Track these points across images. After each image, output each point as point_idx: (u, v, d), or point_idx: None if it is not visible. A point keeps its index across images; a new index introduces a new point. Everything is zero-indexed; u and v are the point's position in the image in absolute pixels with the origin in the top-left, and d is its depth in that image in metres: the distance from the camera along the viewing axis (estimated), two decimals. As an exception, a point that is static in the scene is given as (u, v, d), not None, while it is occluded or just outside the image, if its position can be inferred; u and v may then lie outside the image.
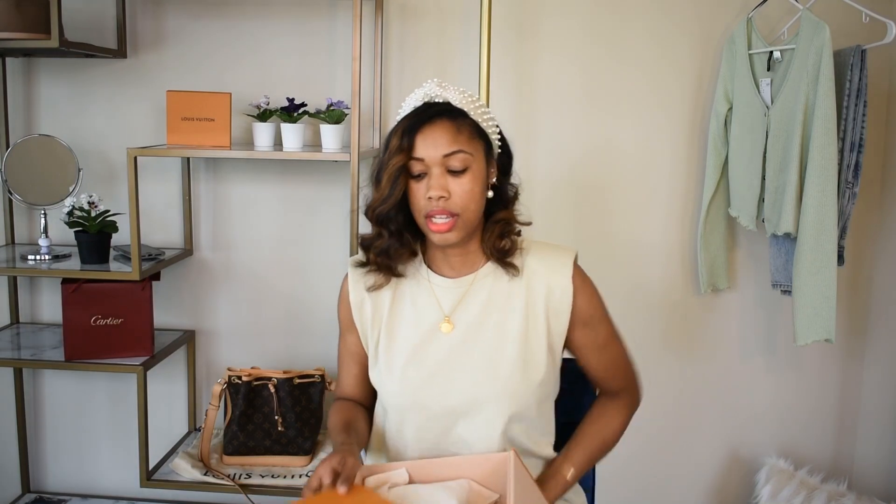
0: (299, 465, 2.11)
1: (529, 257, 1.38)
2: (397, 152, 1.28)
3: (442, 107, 1.30)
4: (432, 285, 1.39)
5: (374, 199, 1.33)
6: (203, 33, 2.21)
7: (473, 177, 1.28)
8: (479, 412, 1.34)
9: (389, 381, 1.38)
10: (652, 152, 2.20)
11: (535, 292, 1.36)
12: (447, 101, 1.32)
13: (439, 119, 1.28)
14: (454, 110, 1.30)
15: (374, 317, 1.41)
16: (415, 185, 1.29)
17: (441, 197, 1.26)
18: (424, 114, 1.29)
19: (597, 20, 2.15)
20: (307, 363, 2.28)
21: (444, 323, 1.37)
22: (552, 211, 2.22)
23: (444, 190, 1.26)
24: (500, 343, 1.35)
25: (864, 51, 1.80)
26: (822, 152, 1.76)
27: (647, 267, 2.25)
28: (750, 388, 2.29)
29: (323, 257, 2.28)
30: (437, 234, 1.29)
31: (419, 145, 1.27)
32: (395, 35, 2.19)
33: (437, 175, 1.27)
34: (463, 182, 1.27)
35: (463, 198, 1.27)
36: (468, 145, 1.28)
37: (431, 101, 1.33)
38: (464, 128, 1.29)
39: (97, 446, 2.42)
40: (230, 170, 2.27)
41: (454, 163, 1.27)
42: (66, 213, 2.04)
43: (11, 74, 2.25)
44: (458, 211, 1.28)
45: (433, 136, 1.27)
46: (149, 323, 2.07)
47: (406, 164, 1.28)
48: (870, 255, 2.21)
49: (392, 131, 1.31)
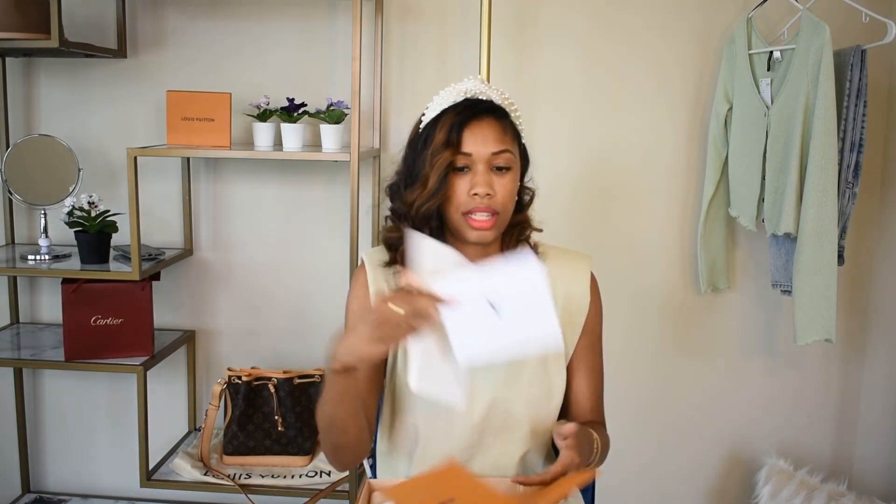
0: (299, 465, 2.11)
1: (548, 262, 1.36)
2: (444, 147, 1.25)
3: (487, 104, 1.29)
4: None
5: (418, 195, 1.27)
6: (203, 33, 2.21)
7: (514, 177, 1.29)
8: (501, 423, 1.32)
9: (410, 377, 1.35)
10: (652, 152, 2.20)
11: (553, 297, 1.35)
12: (490, 100, 1.30)
13: (487, 116, 1.27)
14: (499, 109, 1.29)
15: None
16: (457, 180, 1.27)
17: (487, 194, 1.25)
18: (472, 109, 1.27)
19: (597, 21, 2.15)
20: (307, 363, 2.28)
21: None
22: (552, 210, 2.21)
23: (490, 187, 1.25)
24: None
25: (864, 51, 1.79)
26: (822, 152, 1.76)
27: (646, 267, 2.25)
28: (750, 387, 2.29)
29: (323, 257, 2.28)
30: (477, 232, 1.27)
31: (467, 140, 1.25)
32: (395, 35, 2.19)
33: (482, 172, 1.26)
34: (506, 181, 1.27)
35: (505, 196, 1.27)
36: (512, 145, 1.28)
37: (474, 97, 1.30)
38: (508, 128, 1.29)
39: (97, 446, 2.42)
40: (230, 170, 2.27)
41: (500, 161, 1.26)
42: (66, 213, 2.04)
43: (11, 74, 2.25)
44: (500, 209, 1.27)
45: (483, 132, 1.26)
46: (149, 323, 2.07)
47: (453, 160, 1.26)
48: (870, 255, 2.20)
49: (432, 125, 1.28)
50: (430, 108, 1.32)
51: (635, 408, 2.29)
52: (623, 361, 2.28)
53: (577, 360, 1.38)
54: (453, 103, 1.29)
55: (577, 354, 1.38)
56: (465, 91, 1.30)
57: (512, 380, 1.32)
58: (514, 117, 1.32)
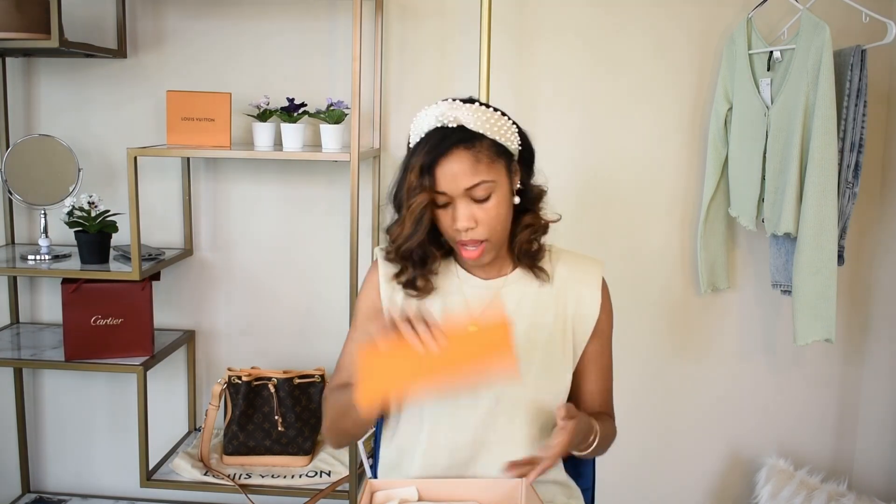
0: (299, 465, 2.11)
1: (560, 265, 1.38)
2: (419, 190, 1.23)
3: (457, 135, 1.24)
4: (462, 283, 1.37)
5: (397, 234, 1.29)
6: (203, 33, 2.21)
7: (498, 201, 1.26)
8: (507, 419, 1.32)
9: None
10: (652, 152, 2.20)
11: (564, 301, 1.36)
12: (461, 125, 1.24)
13: (456, 150, 1.23)
14: (470, 135, 1.24)
15: (404, 308, 1.36)
16: (441, 213, 1.27)
17: (468, 228, 1.25)
18: (440, 146, 1.23)
19: (597, 20, 2.15)
20: (307, 363, 2.28)
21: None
22: (551, 209, 2.22)
23: (471, 220, 1.24)
24: (528, 350, 1.33)
25: (864, 51, 1.79)
26: (822, 152, 1.76)
27: (647, 267, 2.25)
28: (750, 387, 2.29)
29: (323, 257, 2.28)
30: (470, 260, 1.29)
31: (439, 179, 1.23)
32: (395, 35, 2.19)
33: (462, 206, 1.24)
34: (488, 208, 1.25)
35: (489, 224, 1.26)
36: (489, 172, 1.24)
37: (444, 125, 1.25)
38: (482, 154, 1.24)
39: (97, 446, 2.42)
40: (230, 170, 2.27)
41: (477, 193, 1.24)
42: (66, 213, 2.04)
43: (11, 74, 2.25)
44: (487, 236, 1.26)
45: (452, 170, 1.22)
46: (149, 323, 2.07)
47: (430, 200, 1.26)
48: (870, 255, 2.21)
49: (409, 160, 1.26)
50: (412, 130, 1.30)
51: (635, 408, 2.29)
52: (623, 361, 2.25)
53: (587, 362, 1.41)
54: (427, 132, 1.26)
55: (587, 356, 1.40)
56: (437, 117, 1.25)
57: (516, 388, 1.32)
58: (493, 132, 1.26)
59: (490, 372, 1.15)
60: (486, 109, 1.28)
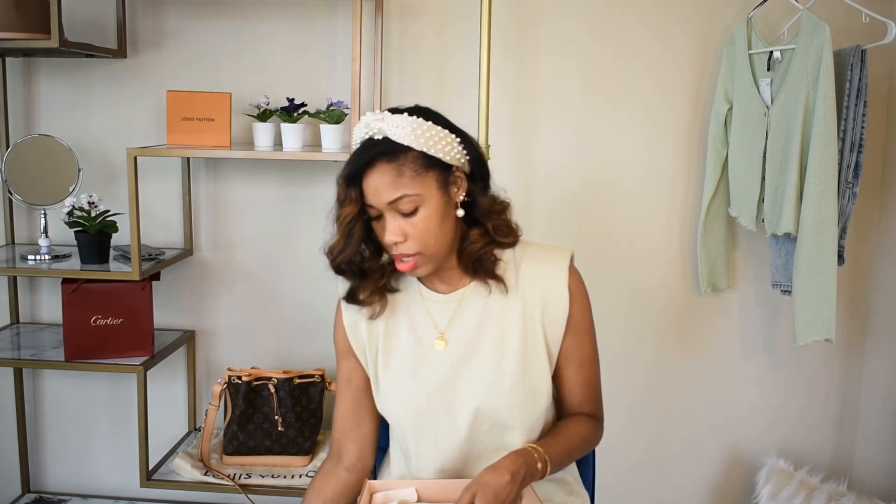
0: (299, 465, 2.11)
1: (523, 265, 1.34)
2: (347, 203, 1.24)
3: (379, 147, 1.21)
4: (424, 300, 1.36)
5: (332, 247, 1.29)
6: (203, 33, 2.21)
7: (427, 213, 1.22)
8: (489, 428, 1.32)
9: (392, 399, 1.36)
10: (652, 152, 2.20)
11: (531, 303, 1.33)
12: (386, 137, 1.22)
13: (378, 163, 1.21)
14: (393, 148, 1.21)
15: (370, 336, 1.38)
16: (376, 226, 1.27)
17: (396, 242, 1.23)
18: (362, 157, 1.22)
19: (597, 20, 2.15)
20: (307, 363, 2.28)
21: (438, 340, 1.34)
22: (552, 210, 2.22)
23: (399, 234, 1.23)
24: (500, 358, 1.32)
25: (864, 51, 1.79)
26: (822, 152, 1.76)
27: (646, 267, 2.25)
28: (750, 387, 2.29)
29: (323, 257, 2.26)
30: (406, 272, 1.27)
31: (366, 191, 1.22)
32: (395, 35, 2.19)
33: (390, 219, 1.23)
34: (416, 222, 1.22)
35: (418, 237, 1.23)
36: (412, 185, 1.21)
37: (370, 136, 1.23)
38: (406, 167, 1.21)
39: (97, 446, 2.42)
40: (230, 170, 2.27)
41: (401, 206, 1.22)
42: (66, 213, 2.04)
43: (11, 74, 2.25)
44: (418, 250, 1.24)
45: (375, 183, 1.21)
46: (149, 323, 2.07)
47: (359, 211, 1.25)
48: (870, 255, 2.21)
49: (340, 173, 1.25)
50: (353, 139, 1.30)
51: (635, 408, 2.29)
52: (623, 361, 2.28)
53: (565, 357, 1.37)
54: (359, 142, 1.26)
55: (564, 352, 1.36)
56: (366, 127, 1.24)
57: (493, 387, 1.31)
58: (422, 143, 1.21)
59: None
60: (416, 120, 1.23)
